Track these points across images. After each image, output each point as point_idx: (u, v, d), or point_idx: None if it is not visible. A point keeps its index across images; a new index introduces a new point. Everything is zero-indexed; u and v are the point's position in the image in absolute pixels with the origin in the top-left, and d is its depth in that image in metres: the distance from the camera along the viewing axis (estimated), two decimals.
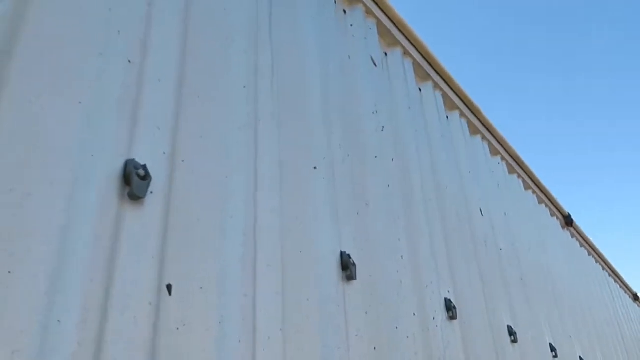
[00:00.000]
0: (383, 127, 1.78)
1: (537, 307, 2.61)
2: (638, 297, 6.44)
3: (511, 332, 2.11)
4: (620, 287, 5.82)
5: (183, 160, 0.94)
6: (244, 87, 1.16)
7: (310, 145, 1.33)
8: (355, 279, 1.25)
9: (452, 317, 1.67)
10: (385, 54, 2.14)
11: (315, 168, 1.31)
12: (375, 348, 1.28)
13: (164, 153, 0.90)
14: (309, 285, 1.14)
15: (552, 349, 2.89)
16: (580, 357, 2.99)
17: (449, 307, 1.67)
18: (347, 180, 1.44)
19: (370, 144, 1.65)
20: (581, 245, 4.56)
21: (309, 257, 1.16)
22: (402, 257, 1.54)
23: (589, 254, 4.76)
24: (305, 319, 1.09)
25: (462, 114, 2.70)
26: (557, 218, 3.99)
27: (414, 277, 1.56)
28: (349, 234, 1.34)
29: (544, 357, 2.45)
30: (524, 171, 3.40)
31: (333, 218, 1.30)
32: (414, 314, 1.47)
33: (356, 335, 1.20)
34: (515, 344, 2.14)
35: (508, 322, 2.16)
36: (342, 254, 1.25)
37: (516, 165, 3.29)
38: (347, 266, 1.22)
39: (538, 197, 3.65)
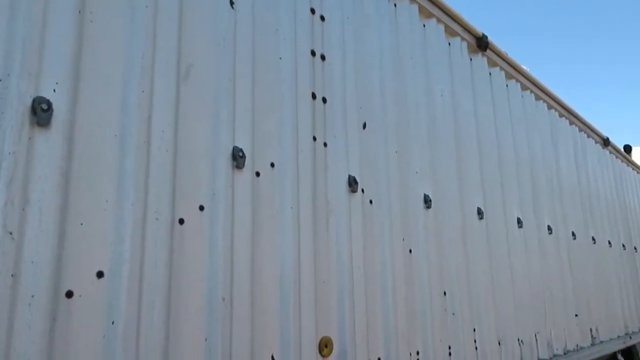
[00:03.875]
0: None
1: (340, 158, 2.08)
2: (609, 141, 5.74)
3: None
4: (581, 130, 5.14)
5: None
6: None
7: None
8: None
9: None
10: None
11: None
12: None
13: None
14: None
15: (426, 199, 2.49)
16: (478, 208, 2.49)
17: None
18: None
19: None
20: (510, 78, 3.84)
21: None
22: None
23: (524, 89, 4.04)
24: None
25: None
26: (462, 40, 3.25)
27: None
28: None
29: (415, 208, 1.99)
30: None
31: None
32: None
33: None
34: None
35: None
36: None
37: None
38: None
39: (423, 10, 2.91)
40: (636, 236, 6.20)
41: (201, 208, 1.54)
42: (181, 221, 1.49)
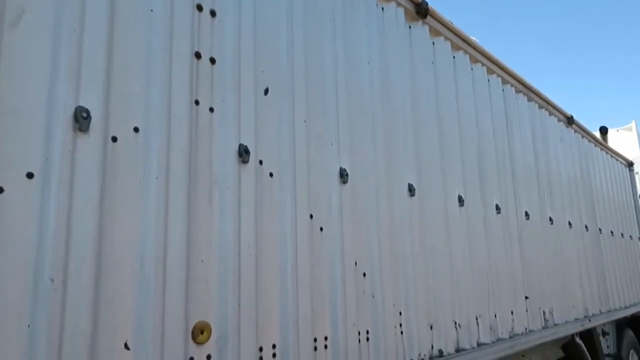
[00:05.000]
0: None
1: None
2: (574, 120, 5.58)
3: None
4: (542, 108, 4.96)
5: None
6: None
7: None
8: None
9: None
10: None
11: None
12: None
13: None
14: None
15: (342, 174, 2.29)
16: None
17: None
18: None
19: None
20: (457, 49, 3.64)
21: None
22: None
23: (474, 61, 3.85)
24: None
25: None
26: (398, 5, 3.04)
27: None
28: None
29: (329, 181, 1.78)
30: None
31: None
32: None
33: None
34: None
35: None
36: None
37: None
38: None
39: None
40: (602, 218, 6.08)
41: (29, 175, 1.33)
42: (0, 190, 1.28)
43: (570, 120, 5.50)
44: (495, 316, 3.41)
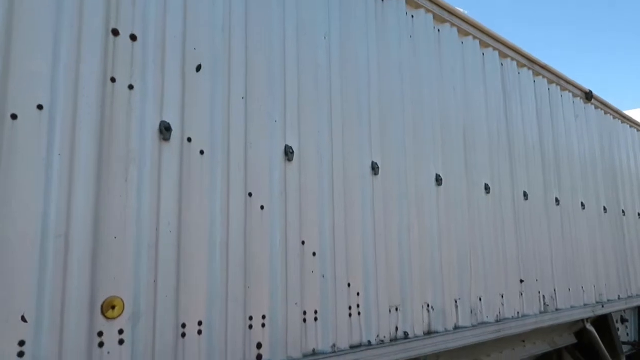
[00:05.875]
0: None
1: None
2: (593, 95, 5.24)
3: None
4: (553, 83, 4.69)
5: None
6: None
7: None
8: None
9: None
10: None
11: None
12: None
13: None
14: None
15: (288, 152, 2.25)
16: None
17: None
18: None
19: None
20: (442, 22, 3.47)
21: None
22: None
23: (464, 34, 3.67)
24: None
25: None
26: None
27: None
28: None
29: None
30: None
31: None
32: None
33: None
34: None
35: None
36: None
37: None
38: None
39: None
40: (628, 199, 5.73)
41: None
42: None
43: (589, 96, 5.18)
44: (480, 300, 3.29)
